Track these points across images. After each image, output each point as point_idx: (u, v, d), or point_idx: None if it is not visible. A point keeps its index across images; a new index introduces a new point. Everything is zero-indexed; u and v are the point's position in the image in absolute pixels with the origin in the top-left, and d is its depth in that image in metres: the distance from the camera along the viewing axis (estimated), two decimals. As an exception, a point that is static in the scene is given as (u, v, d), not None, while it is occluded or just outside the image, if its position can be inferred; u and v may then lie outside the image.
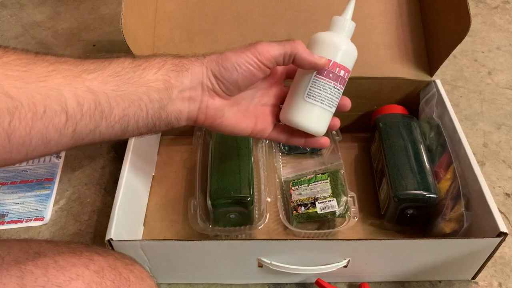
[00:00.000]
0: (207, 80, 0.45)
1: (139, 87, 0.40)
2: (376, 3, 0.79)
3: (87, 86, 0.37)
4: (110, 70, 0.39)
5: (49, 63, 0.36)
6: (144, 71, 0.41)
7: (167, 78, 0.42)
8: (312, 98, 0.49)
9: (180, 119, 0.45)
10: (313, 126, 0.50)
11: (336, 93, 0.50)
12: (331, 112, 0.51)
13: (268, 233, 0.70)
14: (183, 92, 0.44)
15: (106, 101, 0.38)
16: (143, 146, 0.74)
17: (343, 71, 0.49)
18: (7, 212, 0.76)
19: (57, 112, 0.35)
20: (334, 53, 0.49)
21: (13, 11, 1.21)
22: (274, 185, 0.75)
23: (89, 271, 0.39)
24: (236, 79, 0.45)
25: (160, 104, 0.42)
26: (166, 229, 0.71)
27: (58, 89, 0.35)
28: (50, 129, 0.35)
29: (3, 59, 0.33)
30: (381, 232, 0.70)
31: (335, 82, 0.49)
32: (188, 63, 0.44)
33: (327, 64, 0.48)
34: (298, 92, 0.50)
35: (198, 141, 0.78)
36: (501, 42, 1.08)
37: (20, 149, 0.34)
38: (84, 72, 0.37)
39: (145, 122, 0.42)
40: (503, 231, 0.56)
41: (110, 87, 0.38)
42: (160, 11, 0.79)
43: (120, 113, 0.39)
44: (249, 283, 0.67)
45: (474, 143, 0.86)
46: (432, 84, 0.77)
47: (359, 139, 0.84)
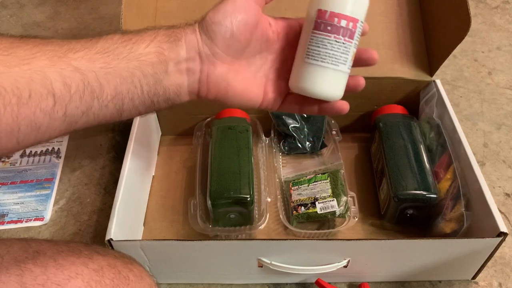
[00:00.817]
0: (203, 46, 0.41)
1: (130, 62, 0.38)
2: (376, 3, 0.79)
3: (74, 65, 0.35)
4: (98, 47, 0.37)
5: (33, 45, 0.34)
6: (135, 44, 0.38)
7: (160, 50, 0.39)
8: (311, 57, 0.43)
9: (180, 94, 0.42)
10: (319, 89, 0.44)
11: (340, 47, 0.43)
12: (340, 71, 0.44)
13: (268, 233, 0.70)
14: (179, 64, 0.40)
15: (95, 80, 0.36)
16: (143, 146, 0.74)
17: (345, 21, 0.42)
18: (7, 212, 0.76)
19: (43, 95, 0.33)
20: (329, 1, 0.43)
21: (13, 11, 1.21)
22: (274, 185, 0.75)
23: (88, 270, 0.39)
24: (231, 29, 0.41)
25: (155, 79, 0.39)
26: (166, 229, 0.71)
27: (43, 71, 0.33)
28: (38, 114, 0.33)
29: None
30: (381, 232, 0.70)
31: (336, 35, 0.42)
32: (181, 32, 0.41)
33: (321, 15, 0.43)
34: (299, 54, 0.45)
35: (198, 141, 0.78)
36: (501, 42, 1.08)
37: (9, 137, 0.32)
38: (69, 51, 0.35)
39: (142, 99, 0.39)
40: (503, 231, 0.56)
41: (99, 64, 0.36)
42: (160, 11, 0.79)
43: (112, 91, 0.37)
44: (249, 283, 0.66)
45: (474, 143, 0.86)
46: (432, 84, 0.77)
47: (359, 139, 0.84)
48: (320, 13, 0.43)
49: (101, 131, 0.89)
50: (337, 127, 0.81)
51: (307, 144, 0.80)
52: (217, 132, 0.73)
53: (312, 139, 0.80)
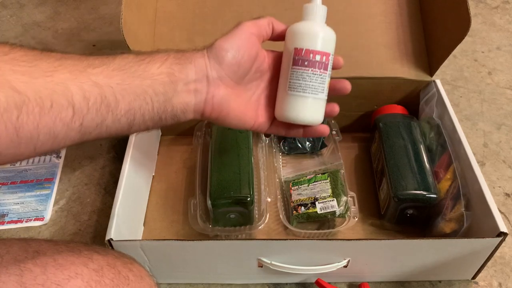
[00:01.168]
0: (211, 69, 0.45)
1: (144, 80, 0.41)
2: (376, 3, 0.79)
3: (93, 80, 0.37)
4: (115, 64, 0.39)
5: (55, 58, 0.36)
6: (148, 64, 0.42)
7: (171, 71, 0.43)
8: (293, 89, 0.49)
9: (186, 112, 0.45)
10: (303, 117, 0.50)
11: (318, 79, 0.49)
12: (319, 99, 0.50)
13: (268, 233, 0.70)
14: (188, 85, 0.44)
15: (111, 94, 0.38)
16: (143, 146, 0.74)
17: (318, 56, 0.48)
18: (7, 212, 0.76)
19: (64, 106, 0.35)
20: (304, 40, 0.49)
21: (13, 11, 1.21)
22: (274, 185, 0.75)
23: (88, 270, 0.39)
24: (237, 56, 0.46)
25: (165, 97, 0.42)
26: (166, 229, 0.71)
27: (65, 84, 0.35)
28: (58, 123, 0.35)
29: (10, 55, 0.33)
30: (381, 232, 0.70)
31: (312, 69, 0.48)
32: (190, 56, 0.45)
33: (298, 53, 0.49)
34: (282, 86, 0.50)
35: (198, 141, 0.78)
36: (501, 42, 1.08)
37: (28, 144, 0.34)
38: (89, 66, 0.38)
39: (151, 115, 0.42)
40: (503, 231, 0.56)
41: (115, 80, 0.39)
42: (160, 11, 0.79)
43: (126, 106, 0.39)
44: (249, 283, 0.66)
45: (474, 143, 0.86)
46: (432, 84, 0.77)
47: (359, 139, 0.84)
48: (297, 50, 0.49)
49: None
50: (337, 127, 0.80)
51: (307, 144, 0.80)
52: (217, 132, 0.74)
53: (312, 139, 0.80)
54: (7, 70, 0.32)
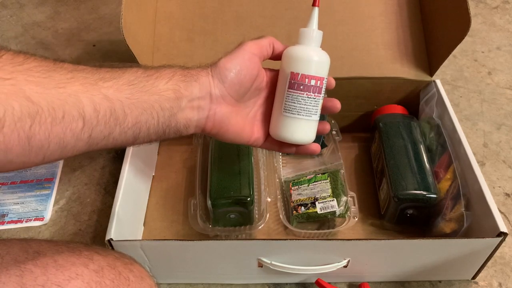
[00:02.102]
0: (215, 88, 0.47)
1: (151, 96, 0.42)
2: (376, 3, 0.79)
3: (103, 93, 0.38)
4: (125, 79, 0.41)
5: (68, 70, 0.37)
6: (156, 80, 0.43)
7: (177, 88, 0.44)
8: (288, 111, 0.51)
9: (189, 127, 0.47)
10: (296, 137, 0.52)
11: (311, 102, 0.51)
12: (312, 120, 0.52)
13: (268, 233, 0.70)
14: (192, 101, 0.45)
15: (120, 108, 0.39)
16: (143, 146, 0.74)
17: (313, 81, 0.50)
18: (7, 212, 0.76)
19: (75, 117, 0.36)
20: (300, 65, 0.50)
21: (13, 11, 1.21)
22: (274, 185, 0.75)
23: (88, 270, 0.39)
24: (239, 76, 0.48)
25: (171, 113, 0.44)
26: (166, 229, 0.71)
27: (76, 96, 0.36)
28: (68, 133, 0.36)
29: (24, 65, 0.34)
30: (381, 232, 0.70)
31: (307, 93, 0.51)
32: (195, 74, 0.46)
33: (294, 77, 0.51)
34: (277, 107, 0.52)
35: (198, 141, 0.78)
36: (501, 42, 1.08)
37: (38, 153, 0.35)
38: (100, 80, 0.39)
39: (156, 129, 0.43)
40: (503, 231, 0.56)
41: (125, 95, 0.40)
42: (160, 11, 0.79)
43: (133, 120, 0.41)
44: (249, 283, 0.67)
45: (474, 143, 0.86)
46: (432, 84, 0.77)
47: (359, 139, 0.84)
48: (293, 75, 0.51)
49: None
50: (337, 127, 0.81)
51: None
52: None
53: (312, 139, 0.80)
54: (22, 80, 0.33)
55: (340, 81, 0.76)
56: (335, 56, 0.74)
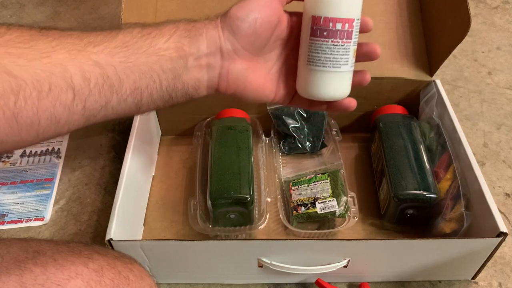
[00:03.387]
0: (225, 41, 0.41)
1: (149, 57, 0.38)
2: (376, 3, 0.79)
3: (93, 59, 0.35)
4: (118, 40, 0.37)
5: (53, 38, 0.34)
6: (154, 39, 0.39)
7: (180, 45, 0.39)
8: (313, 63, 0.44)
9: (199, 89, 0.42)
10: (324, 93, 0.45)
11: (339, 50, 0.44)
12: (342, 72, 0.45)
13: (268, 233, 0.70)
14: (199, 59, 0.41)
15: (114, 74, 0.36)
16: (143, 146, 0.74)
17: (340, 24, 0.43)
18: (7, 212, 0.76)
19: (63, 89, 0.33)
20: (322, 6, 0.43)
21: (13, 11, 1.21)
22: (274, 185, 0.75)
23: (88, 270, 0.39)
24: (254, 26, 0.41)
25: (174, 74, 0.39)
26: (166, 229, 0.71)
27: (63, 65, 0.33)
28: (58, 107, 0.33)
29: (5, 36, 0.32)
30: (381, 232, 0.70)
31: (333, 39, 0.43)
32: (202, 27, 0.41)
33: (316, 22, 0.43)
34: (302, 59, 0.46)
35: (198, 141, 0.78)
36: (501, 42, 1.08)
37: (29, 130, 0.33)
38: (89, 45, 0.35)
39: (160, 94, 0.39)
40: (503, 231, 0.56)
41: (118, 59, 0.36)
42: (160, 11, 0.79)
43: (131, 86, 0.37)
44: (249, 283, 0.66)
45: (474, 143, 0.86)
46: (432, 84, 0.77)
47: (359, 139, 0.84)
48: (314, 19, 0.43)
49: (101, 131, 0.89)
50: (337, 127, 0.81)
51: (307, 144, 0.80)
52: (217, 132, 0.74)
53: (312, 139, 0.80)
54: (1, 53, 0.31)
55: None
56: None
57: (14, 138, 0.33)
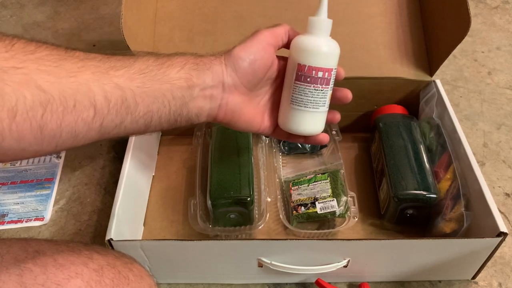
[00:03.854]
0: (228, 76, 0.47)
1: (163, 84, 0.42)
2: (376, 3, 0.79)
3: (115, 82, 0.38)
4: (136, 67, 0.41)
5: (79, 59, 0.37)
6: (168, 69, 0.43)
7: (189, 77, 0.44)
8: (295, 104, 0.51)
9: (200, 116, 0.47)
10: (304, 129, 0.52)
11: (319, 94, 0.50)
12: (320, 112, 0.52)
13: (268, 233, 0.70)
14: (204, 90, 0.45)
15: (132, 97, 0.39)
16: (143, 146, 0.74)
17: (321, 72, 0.49)
18: (7, 212, 0.76)
19: (86, 106, 0.36)
20: (307, 57, 0.49)
21: (13, 11, 1.21)
22: (274, 185, 0.75)
23: (88, 270, 0.39)
24: (253, 66, 0.47)
25: (182, 101, 0.44)
26: (166, 229, 0.71)
27: (87, 85, 0.36)
28: (79, 122, 0.36)
29: (36, 54, 0.34)
30: (381, 232, 0.70)
31: (314, 85, 0.49)
32: (208, 62, 0.46)
33: (301, 69, 0.49)
34: (285, 99, 0.52)
35: (198, 141, 0.78)
36: (501, 42, 1.08)
37: (51, 141, 0.35)
38: (111, 69, 0.39)
39: (167, 117, 0.43)
40: (503, 231, 0.56)
41: (136, 84, 0.40)
42: (160, 11, 0.79)
43: (145, 109, 0.41)
44: (249, 283, 0.66)
45: (474, 143, 0.86)
46: (432, 84, 0.77)
47: (359, 139, 0.84)
48: (300, 66, 0.49)
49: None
50: (337, 127, 0.80)
51: (307, 144, 0.80)
52: (217, 132, 0.74)
53: (312, 139, 0.80)
54: (33, 70, 0.33)
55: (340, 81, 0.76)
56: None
57: (36, 148, 0.35)
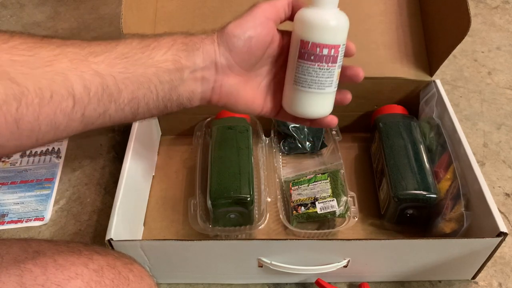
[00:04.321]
0: (220, 57, 0.43)
1: (147, 69, 0.39)
2: (376, 3, 0.79)
3: (94, 69, 0.36)
4: (117, 51, 0.38)
5: (55, 46, 0.35)
6: (153, 51, 0.40)
7: (177, 58, 0.41)
8: (299, 84, 0.46)
9: (192, 100, 0.43)
10: (309, 112, 0.48)
11: (324, 73, 0.45)
12: (326, 93, 0.47)
13: (268, 233, 0.70)
14: (195, 73, 0.42)
15: (114, 84, 0.37)
16: (143, 146, 0.74)
17: (326, 50, 0.44)
18: (7, 212, 0.76)
19: (64, 96, 0.34)
20: (311, 32, 0.44)
21: (13, 11, 1.21)
22: (274, 185, 0.75)
23: (88, 270, 0.39)
24: (249, 44, 0.43)
25: (171, 86, 0.41)
26: (166, 229, 0.71)
27: (64, 74, 0.34)
28: (58, 114, 0.34)
29: (9, 43, 0.33)
30: (381, 232, 0.70)
31: (319, 63, 0.45)
32: (199, 41, 0.42)
33: (304, 46, 0.45)
34: (289, 78, 0.47)
35: (198, 141, 0.78)
36: (501, 42, 1.08)
37: (29, 135, 0.34)
38: (90, 55, 0.36)
39: (156, 104, 0.41)
40: (503, 231, 0.56)
41: (118, 69, 0.37)
42: (160, 11, 0.79)
43: (129, 95, 0.38)
44: (249, 283, 0.66)
45: (474, 143, 0.86)
46: (432, 84, 0.77)
47: (359, 139, 0.84)
48: (303, 43, 0.45)
49: (101, 131, 0.89)
50: (337, 127, 0.80)
51: (307, 144, 0.80)
52: (217, 132, 0.74)
53: (312, 139, 0.80)
54: (6, 61, 0.32)
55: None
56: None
57: (15, 143, 0.33)
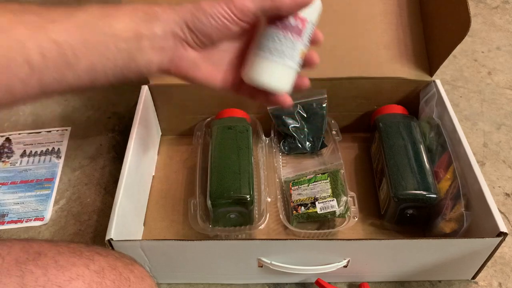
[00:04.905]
0: (180, 30, 0.42)
1: (106, 37, 0.39)
2: (376, 3, 0.79)
3: (52, 37, 0.36)
4: (77, 19, 0.38)
5: (13, 14, 0.35)
6: (113, 20, 0.39)
7: (136, 27, 0.40)
8: (261, 49, 0.45)
9: (150, 69, 0.43)
10: (264, 81, 0.46)
11: (288, 43, 0.45)
12: (287, 66, 0.46)
13: (268, 233, 0.70)
14: (153, 42, 0.41)
15: (71, 52, 0.37)
16: (143, 146, 0.74)
17: (293, 20, 0.44)
18: (7, 212, 0.76)
19: (20, 64, 0.35)
20: None
21: (13, 11, 1.21)
22: (274, 185, 0.75)
23: (89, 271, 0.39)
24: (210, 32, 0.42)
25: (129, 54, 0.40)
26: (166, 229, 0.71)
27: (21, 41, 0.34)
28: (14, 80, 0.35)
29: None
30: (381, 232, 0.70)
31: (283, 30, 0.45)
32: (160, 12, 0.42)
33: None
34: (251, 47, 0.47)
35: (198, 141, 0.78)
36: (501, 42, 1.08)
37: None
38: (50, 22, 0.36)
39: (114, 72, 0.40)
40: (503, 231, 0.56)
41: (76, 37, 0.37)
42: None
43: (87, 63, 0.38)
44: (249, 283, 0.67)
45: (474, 143, 0.86)
46: (432, 84, 0.77)
47: (359, 139, 0.84)
48: None
49: (101, 131, 0.89)
50: (337, 127, 0.81)
51: (307, 144, 0.80)
52: (217, 132, 0.74)
53: (312, 139, 0.80)
54: None
55: (340, 81, 0.76)
56: (335, 56, 0.75)
57: None
